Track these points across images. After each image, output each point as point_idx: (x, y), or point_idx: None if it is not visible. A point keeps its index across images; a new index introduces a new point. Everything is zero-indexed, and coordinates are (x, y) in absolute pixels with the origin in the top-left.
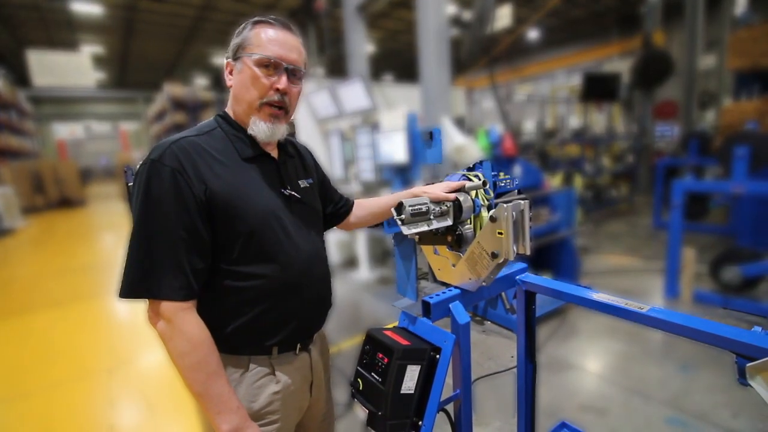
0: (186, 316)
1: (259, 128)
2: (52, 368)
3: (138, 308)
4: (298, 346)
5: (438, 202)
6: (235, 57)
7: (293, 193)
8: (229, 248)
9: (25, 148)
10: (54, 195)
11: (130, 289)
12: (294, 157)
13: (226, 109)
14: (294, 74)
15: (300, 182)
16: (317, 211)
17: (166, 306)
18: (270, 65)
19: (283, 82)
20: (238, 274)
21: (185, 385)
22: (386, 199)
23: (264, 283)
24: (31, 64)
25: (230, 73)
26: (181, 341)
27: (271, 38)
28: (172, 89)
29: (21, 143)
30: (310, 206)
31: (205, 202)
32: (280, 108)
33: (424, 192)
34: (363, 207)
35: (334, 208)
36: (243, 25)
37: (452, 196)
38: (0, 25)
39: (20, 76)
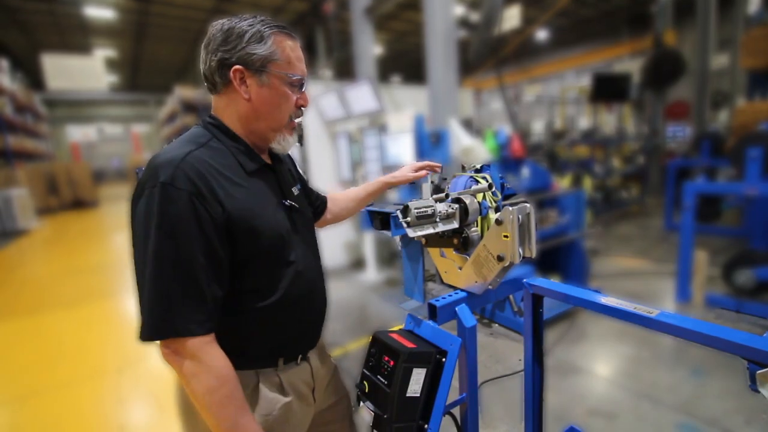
0: (212, 350)
1: (288, 143)
2: (62, 367)
3: None
4: (300, 356)
5: (441, 200)
6: (259, 69)
7: (293, 203)
8: (244, 268)
9: (39, 150)
10: (67, 196)
11: (154, 331)
12: (283, 162)
13: (216, 116)
14: None
15: (293, 190)
16: (311, 218)
17: (192, 342)
18: (297, 83)
19: (306, 98)
20: (252, 293)
21: (211, 425)
22: (356, 191)
23: (277, 298)
24: (45, 67)
25: (242, 81)
26: (210, 377)
27: (298, 56)
28: (183, 92)
29: (36, 145)
30: (305, 214)
31: (223, 224)
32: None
33: (393, 177)
34: (337, 202)
35: (312, 207)
36: (256, 30)
37: (421, 173)
38: (16, 29)
39: (35, 80)
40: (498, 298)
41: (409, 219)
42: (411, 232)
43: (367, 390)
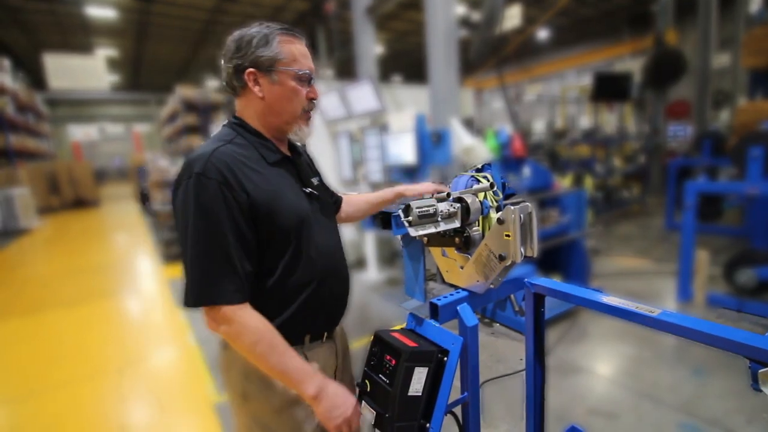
0: (245, 314)
1: (304, 132)
2: (63, 367)
3: (148, 308)
4: (325, 334)
5: (442, 199)
6: (268, 69)
7: (312, 191)
8: (267, 249)
9: (41, 149)
10: (69, 195)
11: (196, 300)
12: (302, 155)
13: (239, 116)
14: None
15: (313, 180)
16: (331, 205)
17: (226, 310)
18: (305, 78)
19: (315, 91)
20: (277, 273)
21: (265, 369)
22: (371, 195)
23: (299, 278)
24: (47, 67)
25: (255, 82)
26: (248, 334)
27: (302, 53)
28: (184, 91)
29: (37, 145)
30: (325, 202)
31: (248, 209)
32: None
33: (407, 189)
34: (351, 203)
35: None
36: (262, 34)
37: (431, 189)
38: (17, 29)
39: (37, 79)
40: (499, 298)
41: (410, 218)
42: (413, 231)
43: (368, 389)
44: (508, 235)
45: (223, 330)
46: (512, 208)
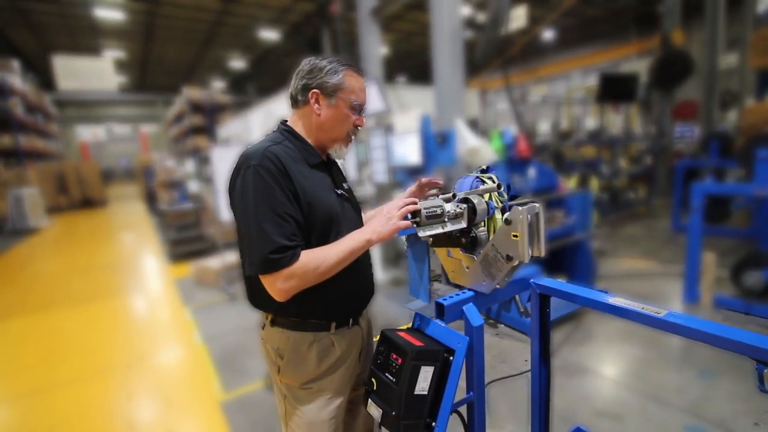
0: (299, 264)
1: (343, 152)
2: (72, 364)
3: (155, 307)
4: (351, 321)
5: (448, 200)
6: (330, 93)
7: (343, 192)
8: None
9: (49, 149)
10: (77, 195)
11: (264, 267)
12: (335, 163)
13: (290, 124)
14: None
15: (344, 184)
16: (359, 207)
17: (286, 272)
18: (357, 108)
19: (362, 120)
20: None
21: (340, 268)
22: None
23: None
24: (56, 68)
25: (316, 101)
26: (312, 270)
27: (361, 88)
28: (191, 92)
29: (46, 145)
30: (354, 203)
31: (294, 197)
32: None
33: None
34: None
35: None
36: (333, 66)
37: (432, 192)
38: (27, 31)
39: (46, 81)
40: (504, 298)
41: (418, 219)
42: (421, 232)
43: (375, 387)
44: (515, 236)
45: (294, 284)
46: (520, 208)
